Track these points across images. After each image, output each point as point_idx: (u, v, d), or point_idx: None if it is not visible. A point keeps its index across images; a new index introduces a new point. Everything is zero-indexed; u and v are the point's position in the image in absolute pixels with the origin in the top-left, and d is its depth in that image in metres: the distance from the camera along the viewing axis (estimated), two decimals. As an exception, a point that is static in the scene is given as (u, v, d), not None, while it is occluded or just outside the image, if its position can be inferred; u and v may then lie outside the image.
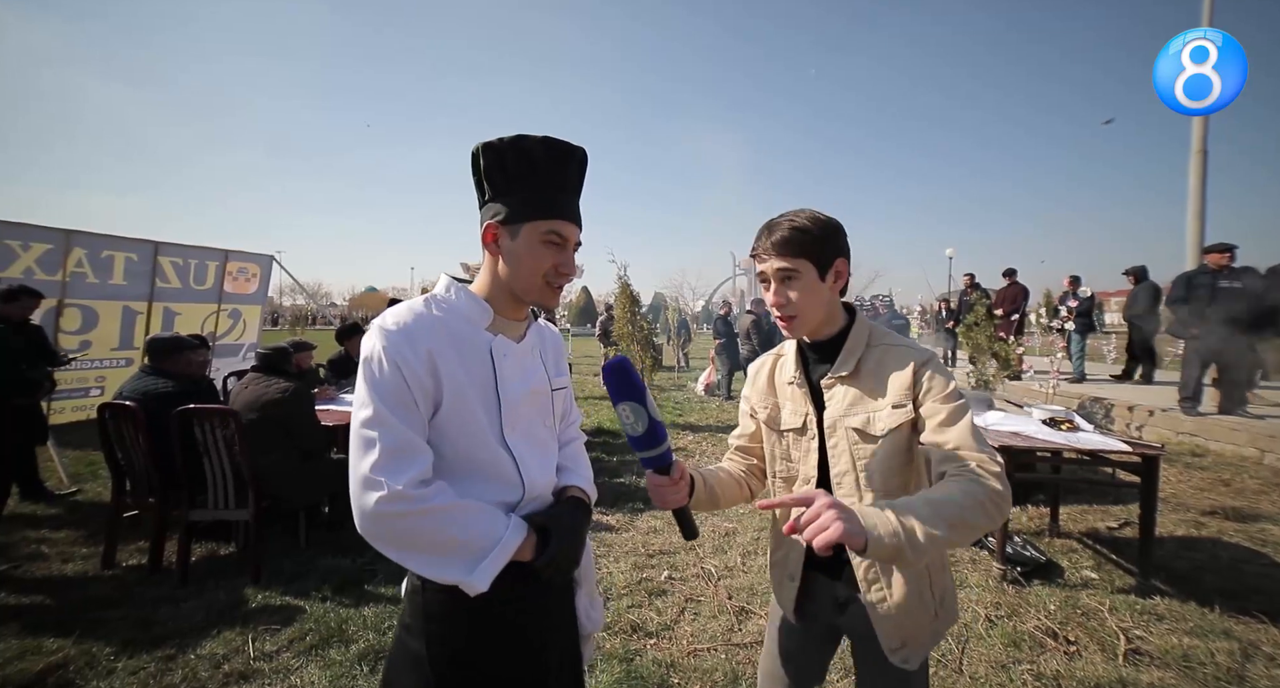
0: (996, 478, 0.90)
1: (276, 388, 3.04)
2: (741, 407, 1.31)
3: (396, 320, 0.88)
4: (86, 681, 2.04)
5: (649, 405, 0.92)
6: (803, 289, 1.06)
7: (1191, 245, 7.31)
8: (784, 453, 1.19)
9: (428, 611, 0.90)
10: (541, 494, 1.00)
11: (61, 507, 3.87)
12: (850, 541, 0.77)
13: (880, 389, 1.06)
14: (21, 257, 4.84)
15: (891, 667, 1.06)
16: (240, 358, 7.01)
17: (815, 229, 1.05)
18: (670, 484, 0.96)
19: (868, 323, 1.14)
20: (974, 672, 2.11)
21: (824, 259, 1.06)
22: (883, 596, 1.05)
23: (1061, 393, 6.77)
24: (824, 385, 1.12)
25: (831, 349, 1.12)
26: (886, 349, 1.09)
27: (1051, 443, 2.92)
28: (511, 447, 0.95)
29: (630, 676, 2.09)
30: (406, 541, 0.83)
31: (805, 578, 1.16)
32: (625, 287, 7.69)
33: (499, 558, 0.85)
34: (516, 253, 0.92)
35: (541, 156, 0.91)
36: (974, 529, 0.86)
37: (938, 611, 1.07)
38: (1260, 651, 2.22)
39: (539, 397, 1.03)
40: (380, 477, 0.81)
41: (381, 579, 2.81)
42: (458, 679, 0.89)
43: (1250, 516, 3.67)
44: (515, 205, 0.91)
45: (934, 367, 1.04)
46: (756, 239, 1.10)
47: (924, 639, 1.06)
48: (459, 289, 0.97)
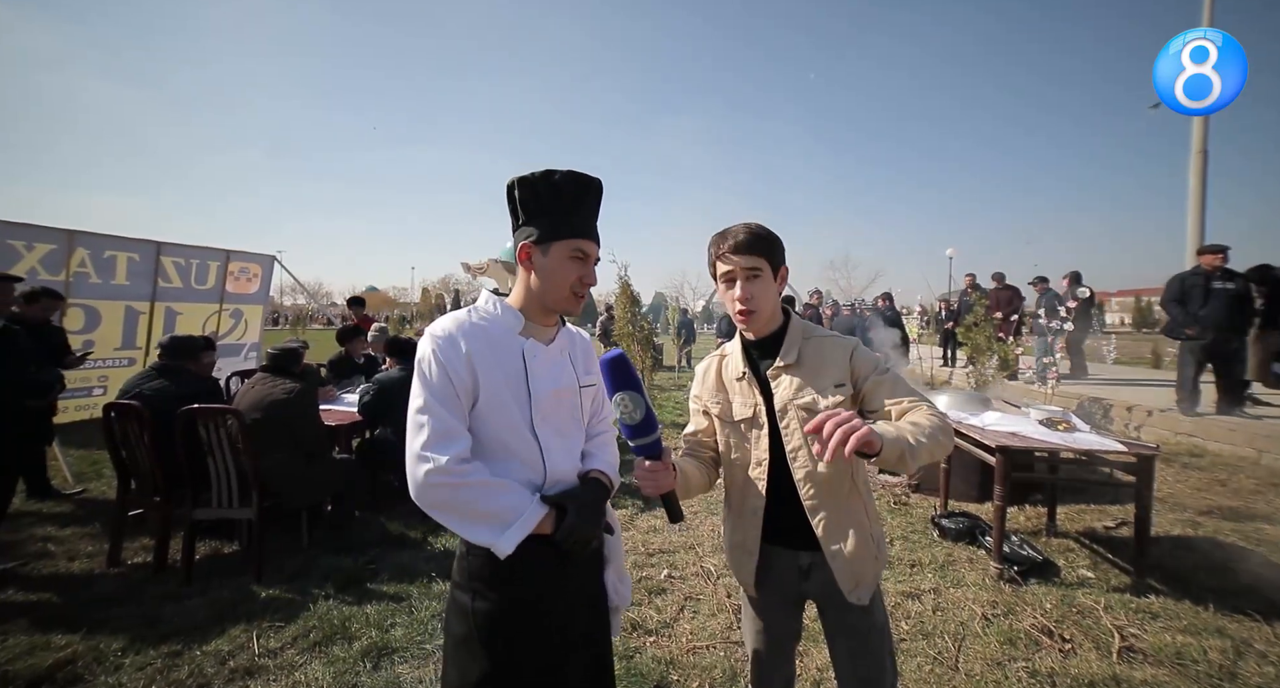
0: (941, 416, 1.15)
1: (282, 388, 3.07)
2: (692, 406, 1.46)
3: (443, 328, 1.06)
4: (94, 676, 2.08)
5: (645, 395, 1.04)
6: (763, 286, 1.23)
7: (1191, 246, 7.32)
8: (738, 442, 1.33)
9: (471, 570, 1.07)
10: (564, 479, 1.13)
11: (67, 505, 3.90)
12: (871, 440, 0.94)
13: (822, 372, 1.25)
14: (25, 257, 4.87)
15: (852, 606, 1.26)
16: (242, 358, 7.04)
17: (769, 236, 1.25)
18: (663, 469, 1.08)
19: (800, 321, 1.33)
20: (970, 669, 2.14)
21: (775, 263, 1.25)
22: (839, 547, 1.24)
23: (1061, 394, 6.79)
24: (770, 375, 1.29)
25: (773, 344, 1.30)
26: (821, 340, 1.29)
27: (1048, 443, 2.94)
28: (540, 436, 1.09)
29: (630, 673, 2.11)
30: (449, 506, 1.00)
31: (763, 553, 1.32)
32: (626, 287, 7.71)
33: (523, 528, 1.01)
34: (548, 268, 1.09)
35: (568, 187, 1.08)
36: (941, 448, 1.09)
37: (877, 554, 1.28)
38: (1253, 648, 2.24)
39: (567, 393, 1.16)
40: (429, 453, 0.98)
41: (383, 578, 2.84)
42: (495, 626, 1.05)
43: (1246, 515, 3.69)
44: (545, 228, 1.08)
45: (861, 351, 1.27)
46: (717, 245, 1.25)
47: (871, 578, 1.27)
48: (496, 301, 1.13)
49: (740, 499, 1.34)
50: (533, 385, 1.09)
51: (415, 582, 2.77)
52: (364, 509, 3.69)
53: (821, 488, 1.24)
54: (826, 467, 1.23)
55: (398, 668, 2.14)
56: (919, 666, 2.16)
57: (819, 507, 1.24)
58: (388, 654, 2.22)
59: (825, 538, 1.24)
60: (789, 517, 1.28)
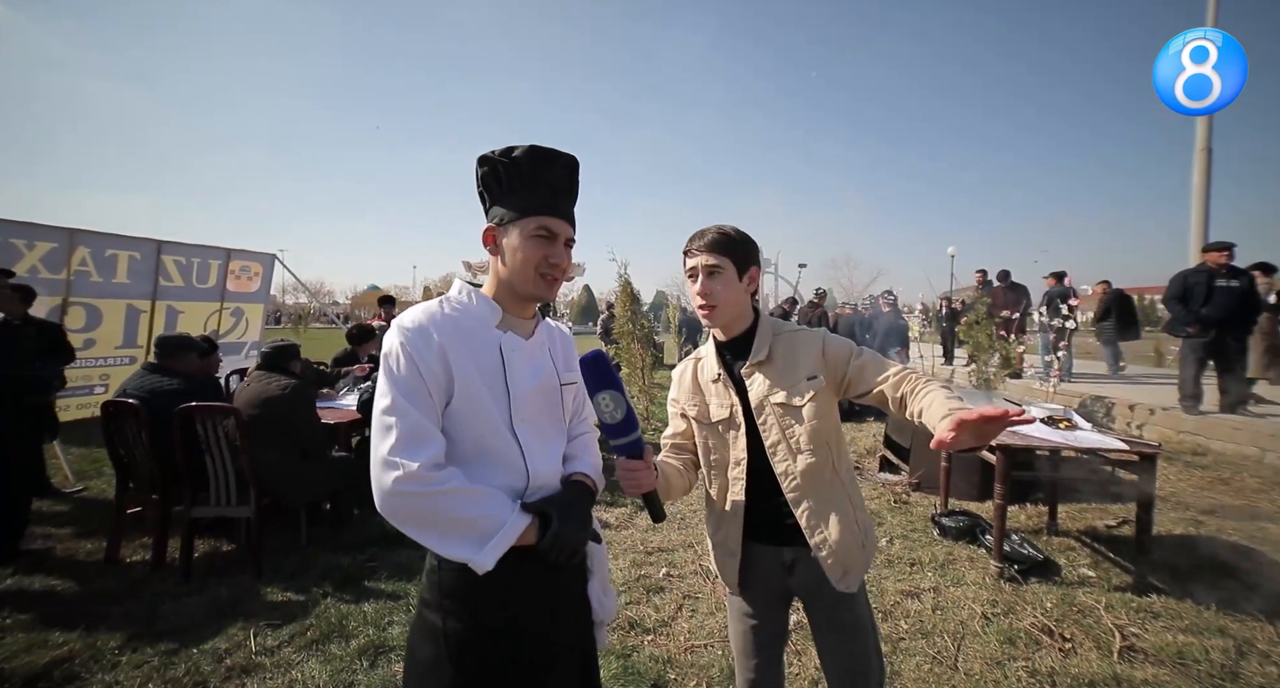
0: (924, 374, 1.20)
1: (277, 385, 3.07)
2: (670, 409, 1.47)
3: (413, 320, 0.96)
4: (91, 674, 2.07)
5: (625, 394, 1.02)
6: (724, 284, 1.25)
7: (1195, 244, 7.28)
8: (716, 443, 1.35)
9: (443, 587, 0.97)
10: (547, 483, 1.05)
11: (67, 503, 3.91)
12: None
13: (795, 367, 1.26)
14: (26, 255, 4.87)
15: (840, 595, 1.26)
16: (243, 356, 7.04)
17: (738, 237, 1.27)
18: (644, 468, 1.06)
19: (769, 319, 1.35)
20: (969, 668, 2.12)
21: (742, 263, 1.27)
22: (824, 536, 1.24)
23: (1062, 392, 6.77)
24: (744, 374, 1.30)
25: (744, 344, 1.32)
26: (792, 334, 1.31)
27: (1050, 442, 2.93)
28: (519, 436, 1.01)
29: (627, 672, 2.11)
30: (421, 518, 0.90)
31: (746, 552, 1.32)
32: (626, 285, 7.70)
33: (504, 540, 0.91)
34: (511, 249, 1.01)
35: (527, 162, 1.00)
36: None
37: (864, 541, 1.28)
38: (1255, 648, 2.22)
39: (548, 391, 1.09)
40: (398, 458, 0.87)
41: (381, 576, 2.83)
42: (468, 650, 0.95)
43: (1249, 515, 3.66)
44: (508, 208, 1.01)
45: (831, 339, 1.29)
46: (690, 241, 1.30)
47: (858, 565, 1.26)
48: (470, 291, 1.05)
49: (721, 499, 1.35)
50: (511, 382, 1.00)
51: (413, 580, 2.77)
52: (362, 507, 3.68)
53: (803, 480, 1.25)
54: (808, 458, 1.24)
55: (395, 667, 2.13)
56: (918, 665, 2.15)
57: (801, 498, 1.25)
58: (385, 653, 2.21)
59: (809, 528, 1.24)
60: (770, 513, 1.29)
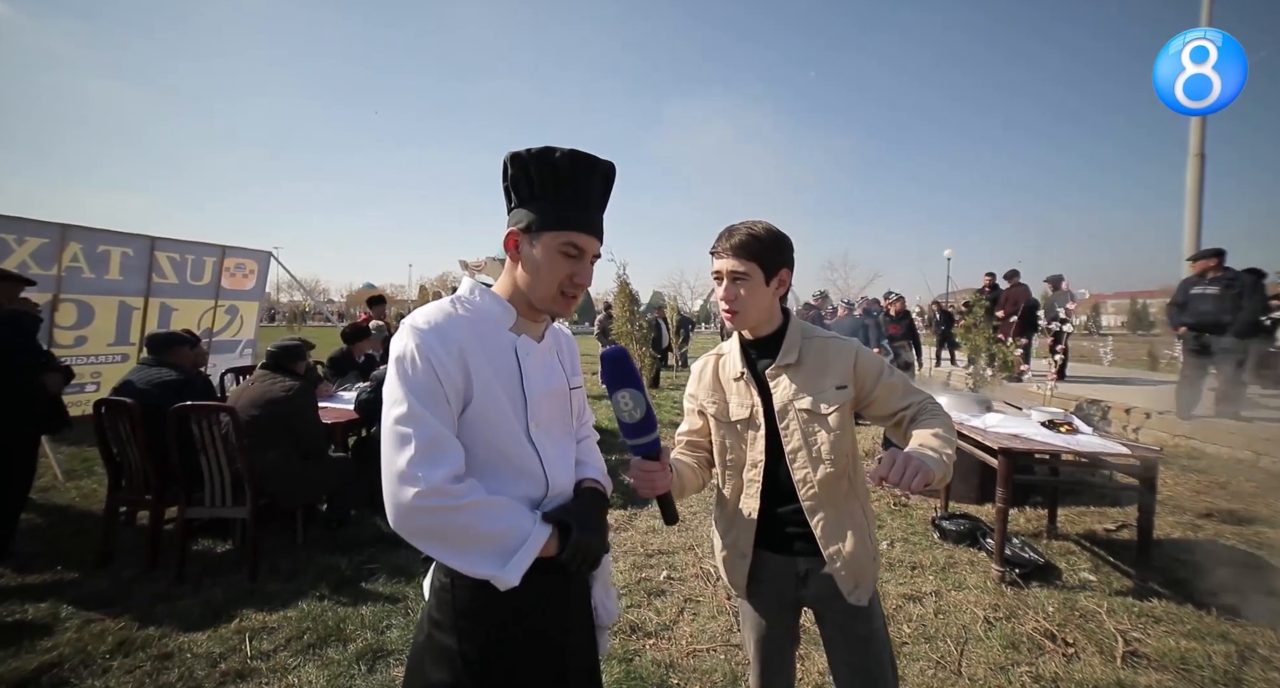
0: (940, 407, 1.23)
1: (281, 386, 3.04)
2: (687, 405, 1.43)
3: (428, 319, 0.90)
4: (82, 679, 2.03)
5: (645, 393, 0.98)
6: (749, 290, 1.21)
7: (1188, 248, 7.32)
8: (734, 443, 1.31)
9: (457, 606, 0.92)
10: (564, 491, 1.02)
11: (57, 502, 3.84)
12: (930, 477, 1.00)
13: (824, 374, 1.23)
14: (16, 250, 4.80)
15: (855, 607, 1.24)
16: (238, 354, 6.97)
17: (767, 239, 1.21)
18: (660, 469, 1.03)
19: (800, 322, 1.31)
20: (972, 673, 2.11)
21: (771, 267, 1.22)
22: (838, 548, 1.23)
23: (1059, 395, 6.78)
24: (769, 375, 1.27)
25: (773, 344, 1.28)
26: (824, 341, 1.27)
27: (1050, 445, 2.92)
28: (536, 443, 0.97)
29: (629, 676, 2.08)
30: (441, 535, 0.84)
31: (758, 558, 1.30)
32: (624, 285, 7.68)
33: (529, 553, 0.87)
34: (534, 261, 0.95)
35: (566, 169, 0.92)
36: (955, 442, 1.14)
37: (875, 555, 1.27)
38: (1257, 653, 2.22)
39: (559, 396, 1.06)
40: (418, 472, 0.81)
41: (380, 578, 2.80)
42: (488, 671, 0.92)
43: (1246, 518, 3.68)
44: (537, 215, 0.93)
45: (864, 353, 1.27)
46: (718, 239, 1.24)
47: (869, 578, 1.25)
48: (483, 291, 1.00)
49: (734, 501, 1.32)
50: (528, 387, 0.96)
51: (411, 582, 2.73)
52: (359, 508, 3.65)
53: (820, 489, 1.23)
54: (827, 468, 1.22)
55: (394, 671, 2.10)
56: (921, 670, 2.14)
57: (817, 507, 1.24)
58: (383, 657, 2.18)
59: (824, 539, 1.23)
60: (784, 520, 1.27)
